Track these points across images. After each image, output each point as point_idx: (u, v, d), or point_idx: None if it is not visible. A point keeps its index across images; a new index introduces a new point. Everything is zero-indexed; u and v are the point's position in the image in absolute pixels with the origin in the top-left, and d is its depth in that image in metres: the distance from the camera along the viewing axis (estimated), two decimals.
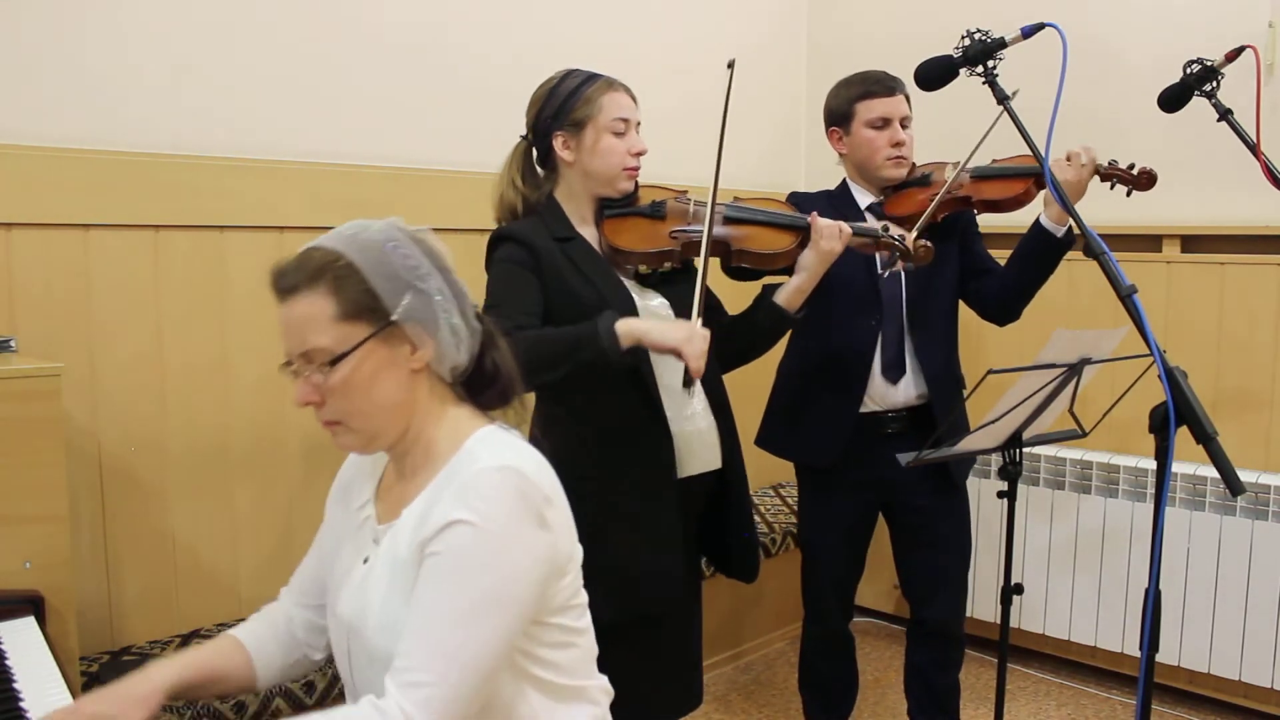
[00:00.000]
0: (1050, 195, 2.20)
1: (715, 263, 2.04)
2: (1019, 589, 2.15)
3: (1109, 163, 2.28)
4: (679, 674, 2.10)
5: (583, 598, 1.36)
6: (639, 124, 1.98)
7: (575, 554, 1.33)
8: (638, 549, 1.89)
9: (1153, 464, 1.57)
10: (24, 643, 1.56)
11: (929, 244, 2.09)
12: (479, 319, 1.35)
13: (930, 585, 2.47)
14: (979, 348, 3.12)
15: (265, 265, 2.55)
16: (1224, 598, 2.83)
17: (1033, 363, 1.89)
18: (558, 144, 1.94)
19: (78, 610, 1.82)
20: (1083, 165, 2.17)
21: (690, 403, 1.98)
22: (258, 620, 1.48)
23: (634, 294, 1.96)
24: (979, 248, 2.46)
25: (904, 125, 2.36)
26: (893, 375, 2.35)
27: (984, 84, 1.95)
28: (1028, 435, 2.09)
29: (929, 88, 2.08)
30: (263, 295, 2.44)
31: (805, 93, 3.87)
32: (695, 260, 1.93)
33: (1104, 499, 3.04)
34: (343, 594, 1.34)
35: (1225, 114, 2.18)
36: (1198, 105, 2.23)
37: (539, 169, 2.02)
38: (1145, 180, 2.28)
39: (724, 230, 2.03)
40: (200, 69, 2.33)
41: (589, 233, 1.99)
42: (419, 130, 2.72)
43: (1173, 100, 2.25)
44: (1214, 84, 2.20)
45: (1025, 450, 2.12)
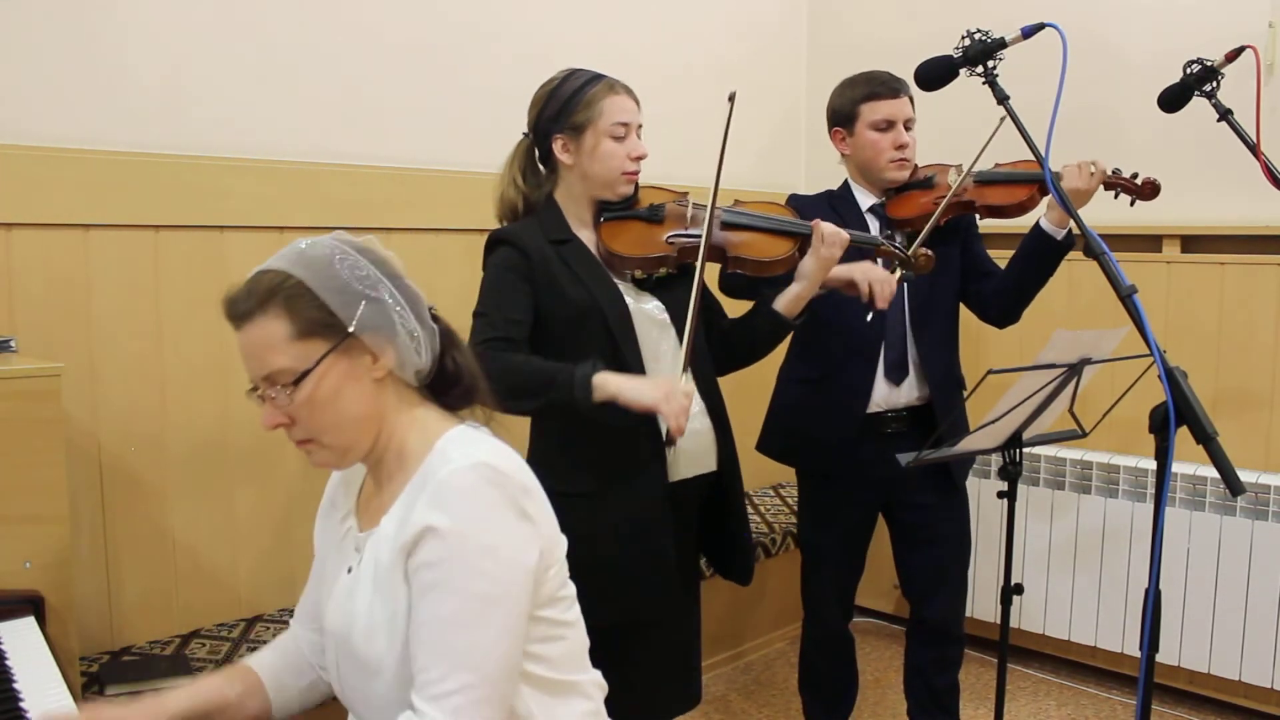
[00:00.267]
0: (1052, 199, 2.20)
1: (713, 268, 2.03)
2: (1019, 589, 2.15)
3: (1113, 171, 2.28)
4: (676, 674, 2.10)
5: (570, 590, 1.36)
6: (640, 127, 1.97)
7: (559, 545, 1.34)
8: (628, 552, 1.89)
9: (1153, 464, 1.57)
10: (24, 643, 1.55)
11: (929, 253, 2.08)
12: (435, 320, 1.35)
13: (930, 585, 2.47)
14: (979, 348, 3.12)
15: None
16: (1224, 598, 2.83)
17: (1033, 363, 1.89)
18: (557, 147, 1.94)
19: (78, 610, 1.82)
20: (1092, 174, 2.17)
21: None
22: (270, 650, 1.49)
23: (628, 297, 1.95)
24: (979, 250, 2.46)
25: (908, 127, 2.36)
26: (895, 376, 2.35)
27: (984, 84, 1.95)
28: (1028, 435, 2.09)
29: (929, 88, 2.08)
30: None
31: (805, 92, 3.87)
32: (693, 264, 1.92)
33: (1104, 499, 3.04)
34: (329, 605, 1.34)
35: (1225, 114, 2.18)
36: (1198, 105, 2.23)
37: (540, 167, 2.02)
38: (1149, 190, 2.29)
39: (721, 235, 2.01)
40: (200, 69, 2.33)
41: (587, 235, 1.98)
42: (419, 130, 2.72)
43: (1173, 100, 2.25)
44: (1214, 84, 2.20)
45: (1025, 450, 2.12)
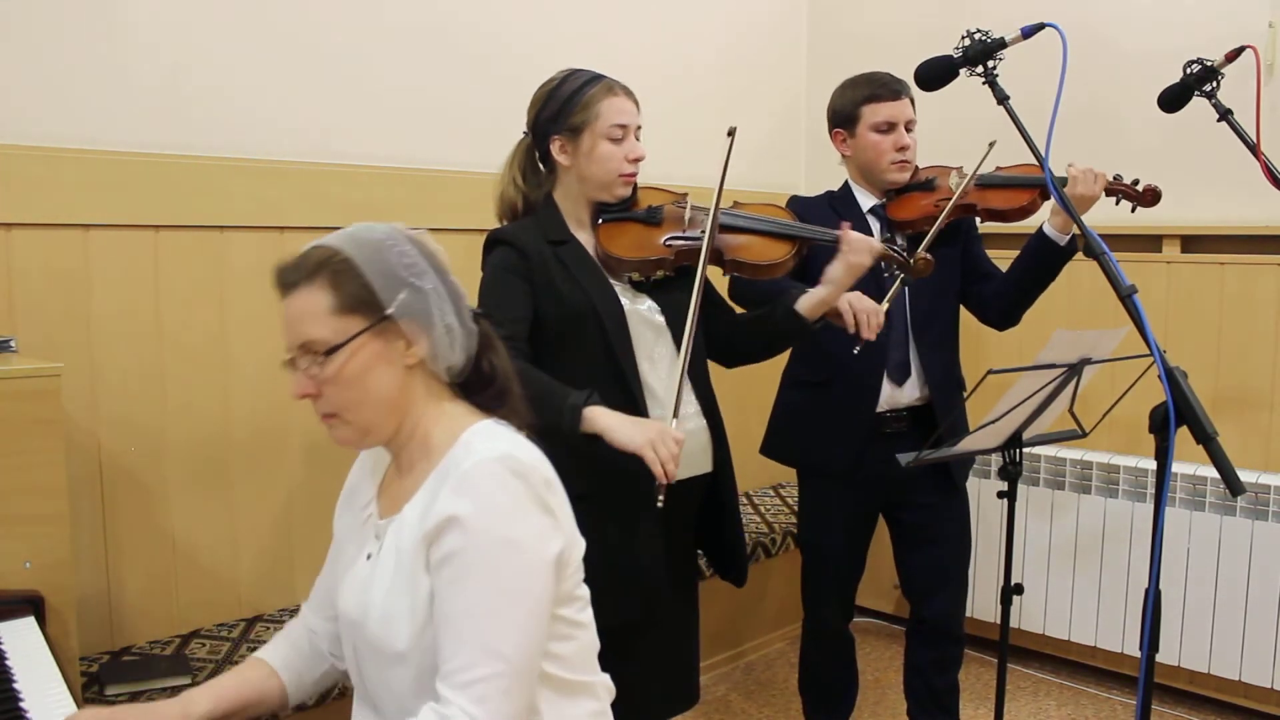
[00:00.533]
0: (1056, 204, 2.20)
1: (713, 269, 2.03)
2: (1019, 589, 2.15)
3: (1114, 177, 2.28)
4: (675, 674, 2.10)
5: (585, 591, 1.37)
6: (639, 128, 1.96)
7: (578, 544, 1.35)
8: (622, 555, 1.89)
9: (1153, 464, 1.57)
10: (24, 643, 1.55)
11: (929, 257, 2.08)
12: (477, 321, 1.37)
13: (930, 584, 2.47)
14: (980, 348, 3.12)
15: (265, 265, 2.55)
16: (1224, 598, 2.83)
17: (1033, 363, 1.89)
18: (554, 148, 1.93)
19: (78, 610, 1.82)
20: (1093, 181, 2.17)
21: (680, 406, 1.97)
22: (281, 640, 1.49)
23: (624, 298, 1.95)
24: (979, 252, 2.46)
25: (909, 129, 2.36)
26: (898, 377, 2.35)
27: (984, 84, 1.95)
28: (1028, 435, 2.09)
29: (929, 88, 2.08)
30: (263, 295, 2.45)
31: (805, 92, 3.86)
32: (694, 267, 1.92)
33: (1104, 499, 3.04)
34: (346, 591, 1.35)
35: (1225, 114, 2.18)
36: (1198, 105, 2.23)
37: (540, 167, 2.01)
38: (1150, 197, 2.29)
39: (719, 238, 2.00)
40: (200, 69, 2.33)
41: (585, 236, 1.98)
42: (419, 130, 2.72)
43: (1173, 100, 2.25)
44: (1214, 84, 2.20)
45: (1025, 450, 2.12)
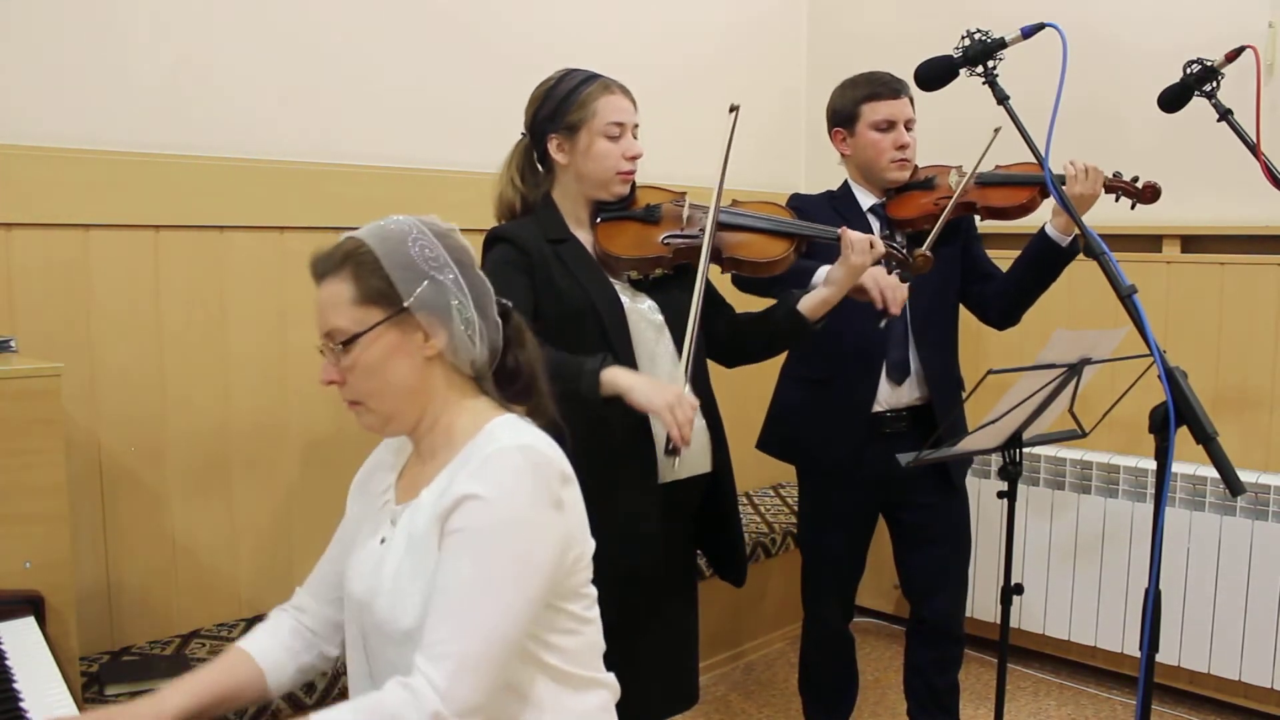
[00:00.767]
0: (1057, 205, 2.20)
1: (715, 268, 2.03)
2: (1019, 589, 2.15)
3: (1114, 174, 2.28)
4: (673, 673, 2.10)
5: (592, 590, 1.39)
6: (636, 126, 1.97)
7: (588, 543, 1.37)
8: (616, 554, 1.87)
9: (1153, 464, 1.57)
10: (24, 643, 1.55)
11: (928, 254, 2.08)
12: (504, 316, 1.40)
13: (930, 584, 2.47)
14: (980, 348, 3.12)
15: (265, 265, 2.56)
16: (1224, 598, 2.83)
17: (1033, 363, 1.89)
18: (552, 146, 1.94)
19: (78, 610, 1.82)
20: (1088, 175, 2.17)
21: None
22: (263, 630, 1.49)
23: (623, 296, 1.95)
24: (979, 251, 2.47)
25: (908, 128, 2.36)
26: (897, 376, 2.35)
27: (984, 84, 1.95)
28: (1028, 435, 2.09)
29: (929, 88, 2.07)
30: (263, 295, 2.45)
31: (805, 92, 3.86)
32: (693, 265, 1.92)
33: (1104, 499, 3.04)
34: (356, 573, 1.38)
35: (1225, 114, 2.18)
36: (1198, 105, 2.23)
37: (538, 167, 2.02)
38: (1149, 194, 2.29)
39: (718, 236, 2.00)
40: (200, 69, 2.33)
41: (584, 235, 1.98)
42: (419, 130, 2.72)
43: (1173, 100, 2.25)
44: (1214, 84, 2.20)
45: (1025, 450, 2.12)
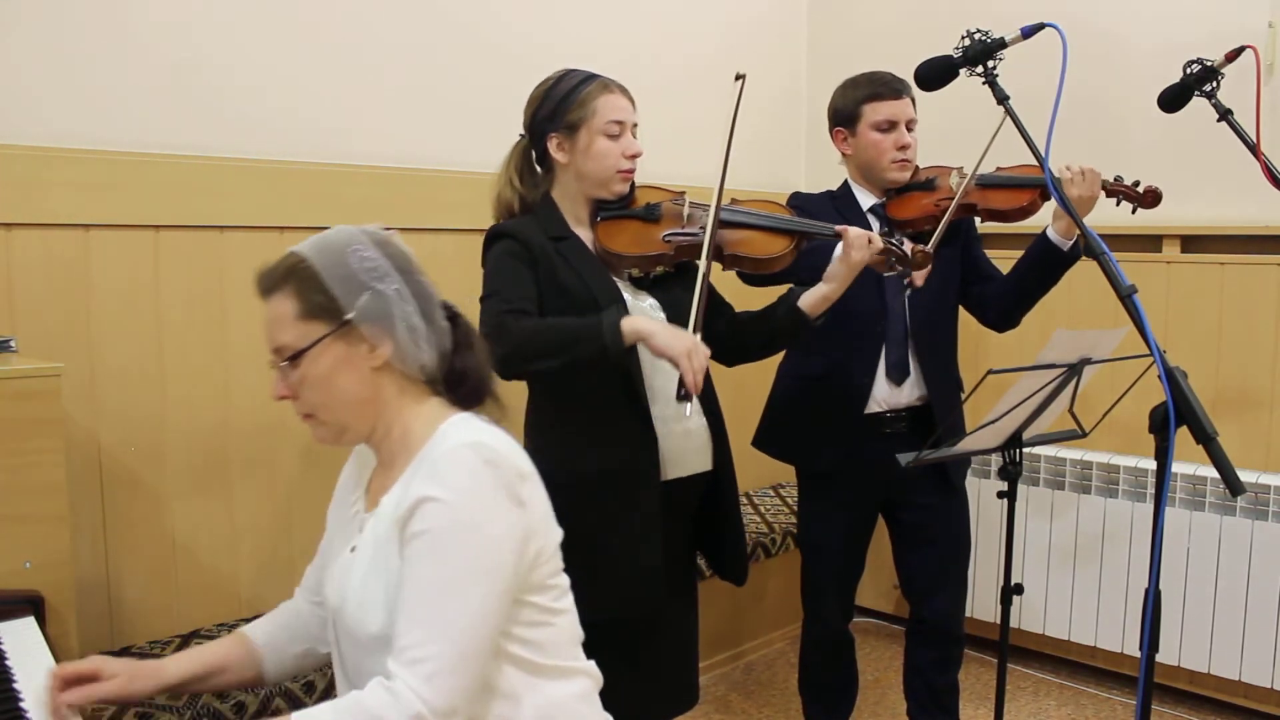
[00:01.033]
0: (1059, 209, 2.20)
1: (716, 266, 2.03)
2: (1019, 589, 2.15)
3: (1114, 178, 2.28)
4: (674, 674, 2.10)
5: (562, 580, 1.40)
6: (635, 125, 1.97)
7: (553, 534, 1.38)
8: (617, 550, 1.89)
9: (1153, 464, 1.57)
10: (24, 643, 1.55)
11: (927, 250, 2.08)
12: (450, 320, 1.41)
13: (930, 584, 2.47)
14: (980, 348, 3.12)
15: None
16: (1224, 598, 2.83)
17: (1033, 363, 1.89)
18: (552, 146, 1.94)
19: (78, 610, 1.82)
20: (1084, 178, 2.17)
21: (680, 405, 1.98)
22: (268, 619, 1.55)
23: (626, 294, 1.95)
24: (979, 253, 2.47)
25: (909, 128, 2.36)
26: (896, 377, 2.35)
27: (984, 84, 1.95)
28: (1028, 435, 2.09)
29: (929, 88, 2.07)
30: None
31: (805, 92, 3.87)
32: (693, 263, 1.92)
33: (1104, 499, 3.04)
34: (331, 582, 1.40)
35: (1225, 114, 2.18)
36: (1198, 105, 2.23)
37: (537, 168, 2.02)
38: (1150, 198, 2.29)
39: (718, 234, 2.00)
40: (200, 69, 2.33)
41: (584, 233, 1.99)
42: (419, 130, 2.72)
43: (1173, 100, 2.25)
44: (1214, 84, 2.20)
45: (1025, 450, 2.12)
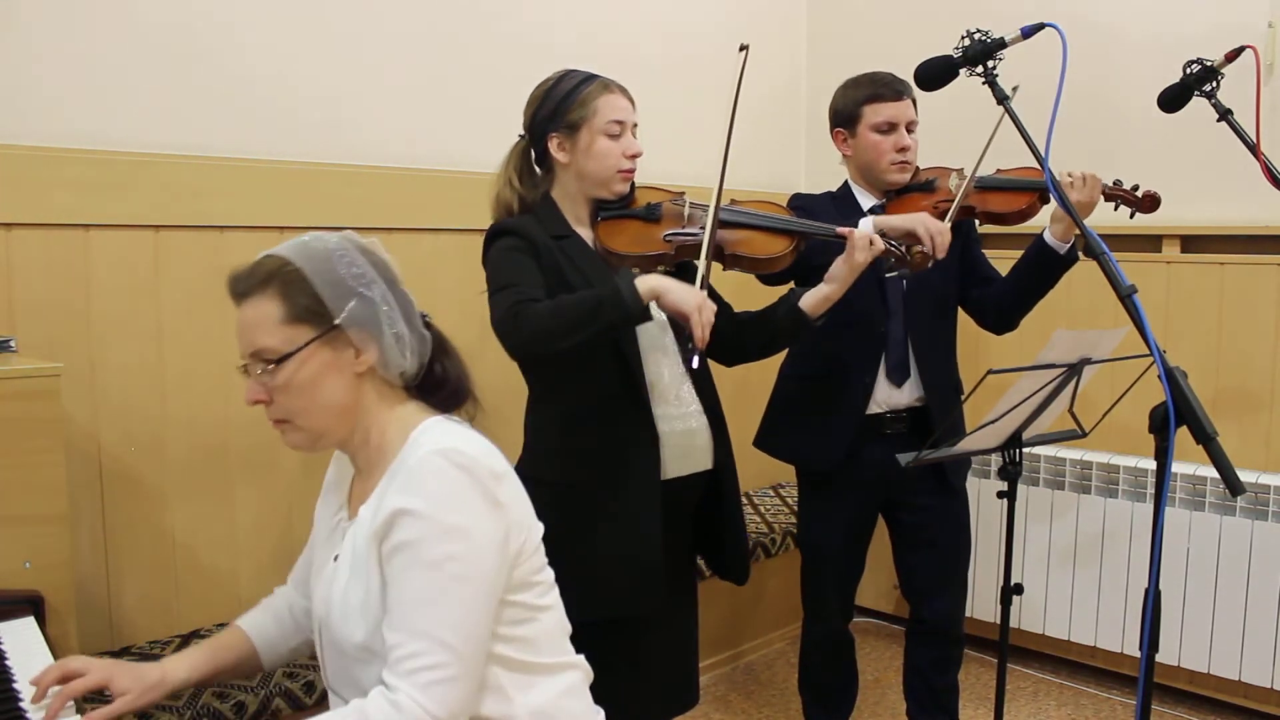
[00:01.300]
0: (1058, 211, 2.21)
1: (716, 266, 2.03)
2: (1019, 589, 2.15)
3: (1114, 182, 2.28)
4: (674, 674, 2.10)
5: (546, 576, 1.41)
6: (635, 125, 1.98)
7: (533, 530, 1.39)
8: (617, 549, 1.90)
9: (1153, 464, 1.57)
10: (24, 643, 1.55)
11: (926, 251, 2.08)
12: (428, 327, 1.41)
13: (930, 585, 2.47)
14: (979, 349, 3.11)
15: None
16: (1224, 598, 2.83)
17: (1033, 363, 1.89)
18: (552, 145, 1.95)
19: (78, 610, 1.82)
20: (1085, 183, 2.17)
21: (681, 403, 1.99)
22: (261, 610, 1.57)
23: None
24: (979, 255, 2.47)
25: (909, 130, 2.36)
26: (897, 378, 2.35)
27: (984, 84, 1.95)
28: (1028, 435, 2.09)
29: (929, 88, 2.08)
30: None
31: (805, 93, 3.87)
32: (694, 262, 1.93)
33: (1104, 499, 3.04)
34: (317, 590, 1.41)
35: (1225, 114, 2.18)
36: (1198, 105, 2.23)
37: (536, 169, 2.02)
38: (1149, 203, 2.29)
39: (719, 234, 2.00)
40: (200, 69, 2.33)
41: (585, 233, 2.00)
42: (419, 130, 2.72)
43: (1172, 100, 2.25)
44: (1214, 84, 2.20)
45: (1025, 450, 2.12)
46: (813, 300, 2.00)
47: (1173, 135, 2.87)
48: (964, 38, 1.97)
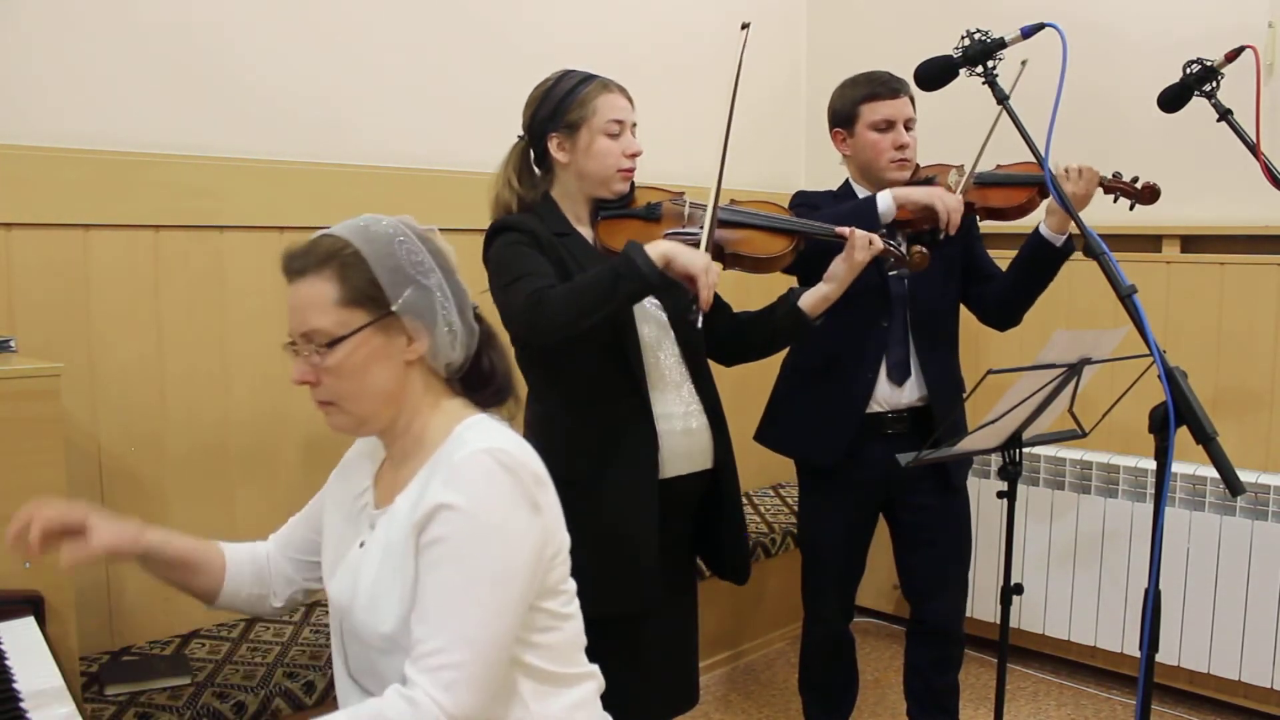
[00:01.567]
0: (1053, 204, 2.21)
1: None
2: (1019, 589, 2.15)
3: (1113, 175, 2.29)
4: (674, 674, 2.10)
5: (570, 585, 1.40)
6: (635, 125, 1.98)
7: (564, 539, 1.38)
8: (614, 547, 1.90)
9: (1153, 464, 1.57)
10: (24, 643, 1.55)
11: (925, 251, 2.09)
12: (478, 320, 1.40)
13: (930, 585, 2.47)
14: (980, 348, 3.12)
15: (265, 265, 2.55)
16: (1224, 598, 2.83)
17: (1033, 363, 1.89)
18: (552, 145, 1.95)
19: (78, 610, 1.82)
20: (1080, 176, 2.18)
21: (682, 402, 1.99)
22: (243, 546, 1.55)
23: None
24: (981, 252, 2.47)
25: (908, 128, 2.36)
26: (898, 377, 2.35)
27: (984, 84, 1.95)
28: (1028, 435, 2.09)
29: (929, 88, 2.08)
30: (262, 295, 2.45)
31: (805, 93, 3.87)
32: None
33: (1104, 499, 3.04)
34: (336, 575, 1.39)
35: (1225, 114, 2.18)
36: (1198, 105, 2.23)
37: (536, 169, 2.03)
38: (1148, 194, 2.29)
39: (719, 233, 2.01)
40: (200, 69, 2.33)
41: (585, 232, 2.00)
42: (419, 130, 2.72)
43: (1172, 100, 2.25)
44: (1214, 84, 2.20)
45: (1025, 450, 2.12)
46: (812, 300, 2.01)
47: (1173, 135, 2.86)
48: (964, 38, 1.98)
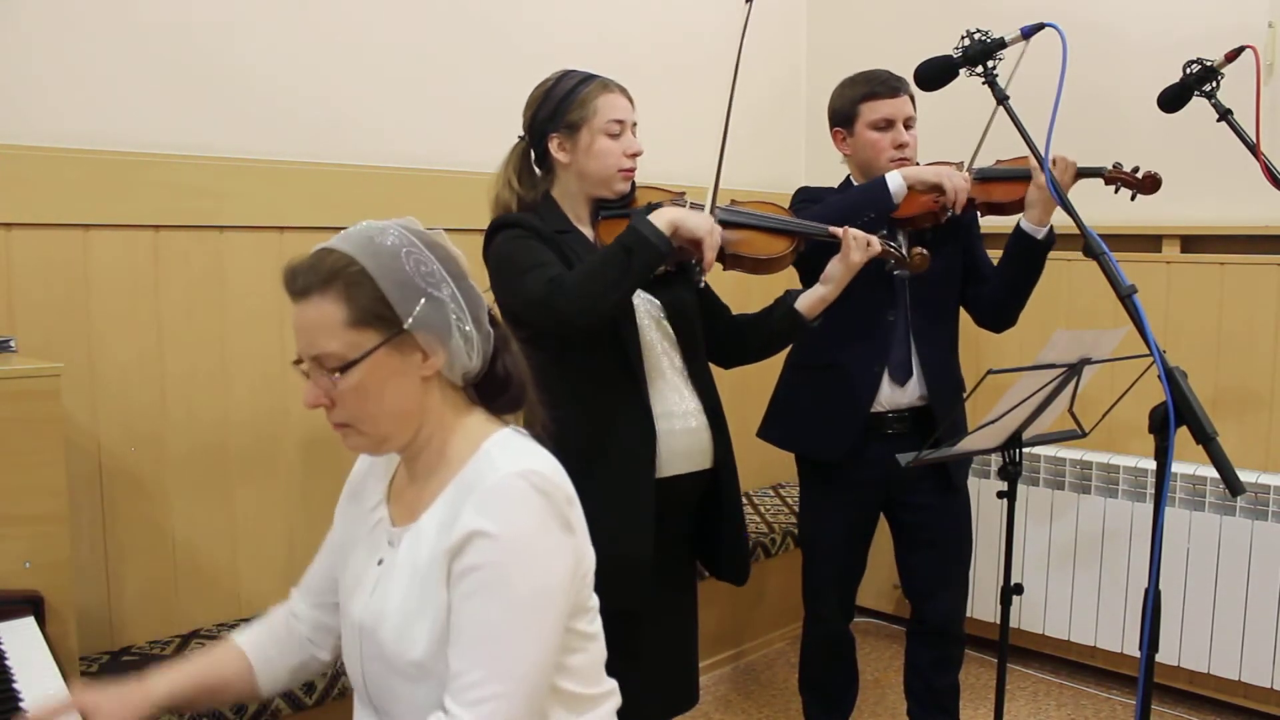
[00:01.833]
0: (1032, 197, 2.25)
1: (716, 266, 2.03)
2: (1019, 589, 2.15)
3: (1113, 165, 2.29)
4: (674, 674, 2.10)
5: (595, 601, 1.36)
6: (635, 125, 1.98)
7: (592, 555, 1.34)
8: (605, 540, 1.89)
9: (1153, 464, 1.57)
10: (24, 643, 1.55)
11: (924, 252, 2.09)
12: (493, 324, 1.34)
13: (930, 585, 2.47)
14: (979, 348, 3.11)
15: (265, 265, 2.56)
16: (1224, 598, 2.83)
17: (1033, 363, 1.89)
18: (553, 146, 1.95)
19: (78, 610, 1.82)
20: (1056, 168, 2.19)
21: (682, 402, 1.99)
22: (260, 626, 1.47)
23: None
24: (980, 252, 2.47)
25: (908, 126, 2.36)
26: (900, 376, 2.35)
27: (984, 84, 1.95)
28: (1028, 435, 2.09)
29: (928, 88, 2.08)
30: (262, 295, 2.45)
31: (805, 92, 3.87)
32: (693, 262, 1.94)
33: (1104, 499, 3.04)
34: (356, 596, 1.33)
35: (1225, 114, 2.18)
36: (1198, 105, 2.23)
37: (536, 169, 2.03)
38: (1149, 184, 2.29)
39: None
40: (200, 69, 2.33)
41: (586, 231, 2.00)
42: (419, 130, 2.72)
43: (1172, 100, 2.25)
44: (1214, 84, 2.20)
45: (1025, 450, 2.12)
46: (809, 301, 2.02)
47: (1173, 135, 2.86)
48: (964, 38, 1.98)
